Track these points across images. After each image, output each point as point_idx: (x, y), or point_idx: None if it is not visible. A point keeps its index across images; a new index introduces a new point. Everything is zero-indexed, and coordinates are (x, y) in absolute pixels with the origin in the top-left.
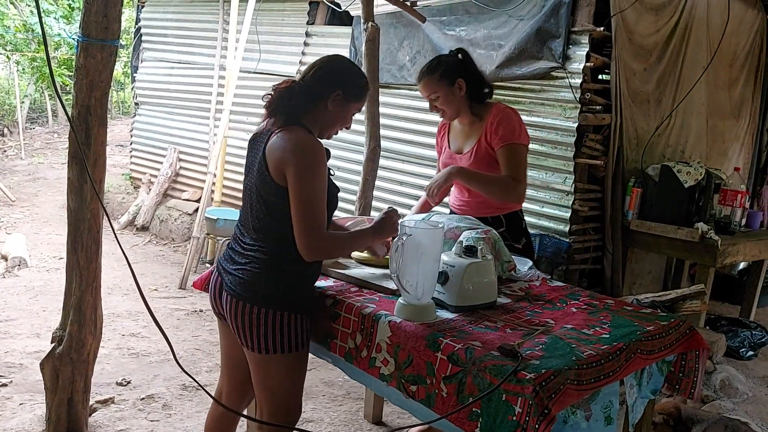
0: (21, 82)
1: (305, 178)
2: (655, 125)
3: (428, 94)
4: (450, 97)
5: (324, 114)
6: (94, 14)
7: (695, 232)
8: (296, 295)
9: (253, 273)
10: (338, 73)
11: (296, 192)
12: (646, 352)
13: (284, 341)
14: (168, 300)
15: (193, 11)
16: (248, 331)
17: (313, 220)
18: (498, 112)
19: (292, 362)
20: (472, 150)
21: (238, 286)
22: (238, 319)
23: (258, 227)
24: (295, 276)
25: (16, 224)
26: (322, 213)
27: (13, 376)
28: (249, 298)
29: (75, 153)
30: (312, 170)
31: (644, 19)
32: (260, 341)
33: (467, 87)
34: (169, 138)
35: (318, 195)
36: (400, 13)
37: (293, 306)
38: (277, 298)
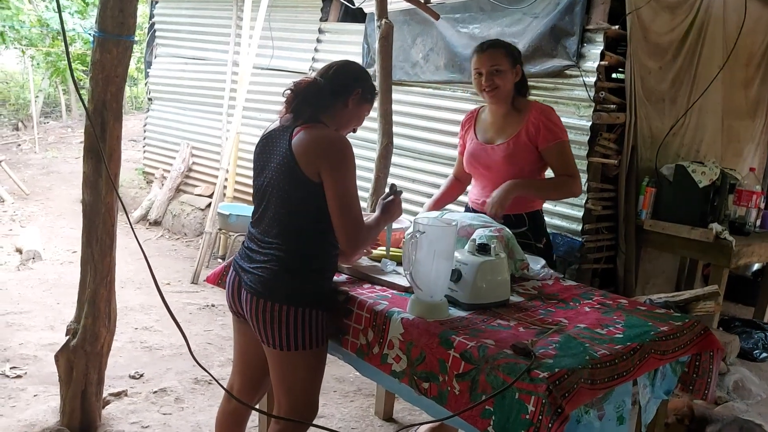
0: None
1: (345, 176)
2: (669, 124)
3: (491, 65)
4: (509, 75)
5: (342, 112)
6: (110, 9)
7: (709, 232)
8: (316, 291)
9: (272, 271)
10: (357, 72)
11: (337, 190)
12: (660, 352)
13: (305, 338)
14: (180, 294)
15: (207, 7)
16: (269, 328)
17: (357, 215)
18: (541, 111)
19: (312, 359)
20: (509, 142)
21: (258, 284)
22: (259, 317)
23: (279, 225)
24: (315, 272)
25: (30, 217)
26: (360, 207)
27: (27, 367)
28: (269, 295)
29: (91, 147)
30: (349, 167)
31: (660, 17)
32: (281, 338)
33: (519, 77)
34: (182, 133)
35: (356, 191)
36: (413, 10)
37: (313, 302)
38: (297, 295)
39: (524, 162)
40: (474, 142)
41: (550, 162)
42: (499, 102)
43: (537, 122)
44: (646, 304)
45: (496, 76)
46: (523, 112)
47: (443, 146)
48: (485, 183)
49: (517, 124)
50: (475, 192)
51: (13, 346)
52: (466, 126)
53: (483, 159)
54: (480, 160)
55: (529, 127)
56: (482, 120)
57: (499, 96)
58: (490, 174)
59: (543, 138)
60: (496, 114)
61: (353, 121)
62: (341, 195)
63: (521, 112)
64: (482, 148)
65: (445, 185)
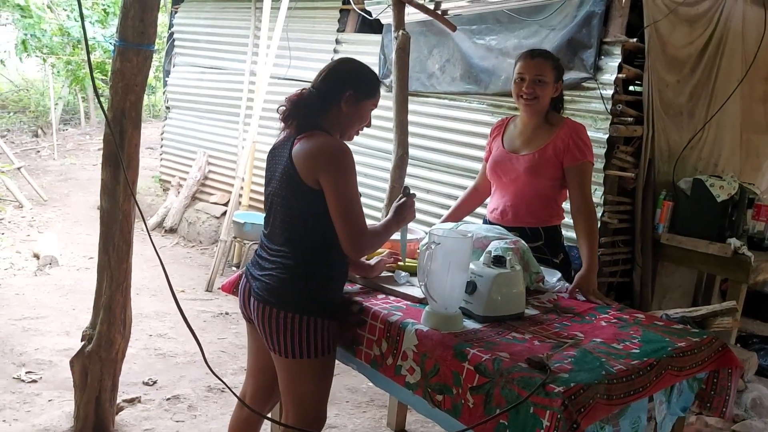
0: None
1: (343, 181)
2: (687, 138)
3: (536, 73)
4: (549, 89)
5: (340, 116)
6: (131, 19)
7: (727, 247)
8: (324, 300)
9: (280, 279)
10: (346, 73)
11: (337, 196)
12: (677, 368)
13: (312, 346)
14: (195, 302)
15: (225, 17)
16: (276, 336)
17: (358, 220)
18: (573, 128)
19: (319, 367)
20: (534, 154)
21: (266, 292)
22: (266, 325)
23: (284, 233)
24: (323, 281)
25: (48, 223)
26: (362, 211)
27: (43, 372)
28: (277, 303)
29: (109, 155)
30: (347, 172)
31: (678, 30)
32: (288, 346)
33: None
34: (198, 142)
35: (356, 195)
36: (430, 21)
37: (321, 311)
38: (304, 304)
39: (546, 176)
40: (500, 150)
41: (571, 182)
42: (532, 113)
43: (567, 138)
44: (663, 319)
45: (538, 86)
46: (554, 126)
47: (459, 157)
48: (504, 192)
49: (545, 137)
50: (493, 201)
51: (29, 351)
52: (495, 133)
53: (506, 167)
54: (503, 167)
55: (558, 142)
56: (511, 129)
57: (535, 106)
58: (511, 184)
59: (570, 155)
60: (527, 125)
61: (355, 122)
62: (340, 200)
63: (552, 126)
64: (507, 156)
65: (464, 196)
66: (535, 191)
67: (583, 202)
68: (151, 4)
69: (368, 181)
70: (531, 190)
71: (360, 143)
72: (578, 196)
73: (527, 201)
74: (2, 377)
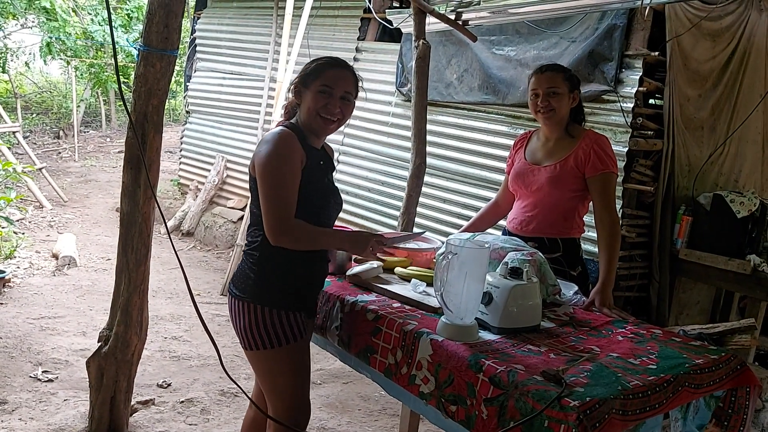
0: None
1: (269, 163)
2: (708, 153)
3: (548, 86)
4: (565, 100)
5: (301, 111)
6: (155, 24)
7: (747, 264)
8: (281, 290)
9: (242, 270)
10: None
11: (261, 177)
12: (694, 385)
13: (267, 337)
14: (209, 305)
15: (247, 23)
16: (236, 326)
17: (277, 202)
18: (594, 139)
19: (286, 357)
20: (556, 165)
21: (231, 283)
22: (231, 315)
23: (251, 224)
24: (281, 271)
25: (67, 224)
26: (288, 198)
27: (59, 372)
28: (236, 294)
29: (131, 158)
30: (274, 156)
31: (701, 44)
32: (246, 336)
33: (577, 103)
34: (217, 146)
35: (283, 181)
36: (449, 31)
37: (277, 302)
38: (258, 293)
39: (568, 188)
40: (522, 162)
41: (593, 193)
42: (552, 125)
43: (588, 149)
44: (680, 335)
45: (553, 98)
46: (576, 138)
47: (476, 167)
48: (525, 202)
49: (567, 149)
50: (514, 212)
51: (46, 350)
52: (518, 146)
53: (528, 179)
54: (525, 179)
55: (579, 153)
56: (534, 141)
57: (554, 119)
58: (533, 195)
59: (592, 166)
60: (549, 137)
61: (308, 109)
62: (264, 183)
63: (574, 138)
64: (529, 168)
65: (484, 209)
66: (556, 202)
67: (605, 213)
68: (176, 10)
69: (385, 189)
70: (552, 201)
71: (378, 151)
72: (600, 206)
73: (547, 212)
74: (19, 376)
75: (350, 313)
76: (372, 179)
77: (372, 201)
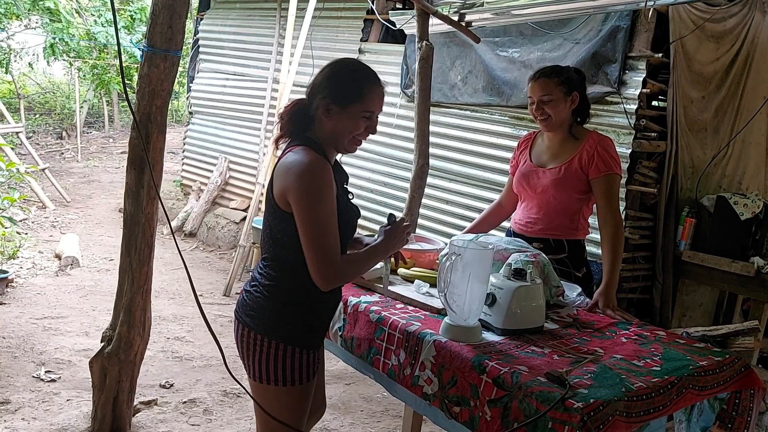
0: (81, 88)
1: (310, 203)
2: (711, 154)
3: (541, 94)
4: (561, 105)
5: (322, 125)
6: (159, 25)
7: (750, 266)
8: (297, 329)
9: (255, 298)
10: (327, 79)
11: (303, 219)
12: (698, 387)
13: (277, 373)
14: (212, 306)
15: (250, 25)
16: (245, 356)
17: (326, 246)
18: (598, 141)
19: (288, 396)
20: (560, 167)
21: (241, 309)
22: (238, 342)
23: (265, 252)
24: (298, 306)
25: (70, 225)
26: (334, 238)
27: (62, 372)
28: (248, 323)
29: (134, 158)
30: (315, 193)
31: (704, 46)
32: (255, 368)
33: (577, 104)
34: (220, 147)
35: (327, 219)
36: (453, 32)
37: (291, 338)
38: (273, 327)
39: (572, 189)
40: (527, 164)
41: (596, 194)
42: (552, 130)
43: (592, 151)
44: (684, 337)
45: (547, 105)
46: (580, 140)
47: (479, 169)
48: (530, 204)
49: (571, 151)
50: (519, 213)
51: (48, 350)
52: (522, 147)
53: (533, 181)
54: (530, 181)
55: (584, 155)
56: (538, 143)
57: (551, 124)
58: (538, 197)
59: (595, 167)
60: (553, 139)
61: (346, 131)
62: (306, 225)
63: (578, 139)
64: (534, 170)
65: (488, 210)
66: (561, 204)
67: (608, 214)
68: (180, 11)
69: (388, 191)
70: (557, 203)
71: (381, 152)
72: (603, 208)
73: (552, 213)
74: (22, 376)
75: (353, 315)
76: (375, 180)
77: (375, 202)
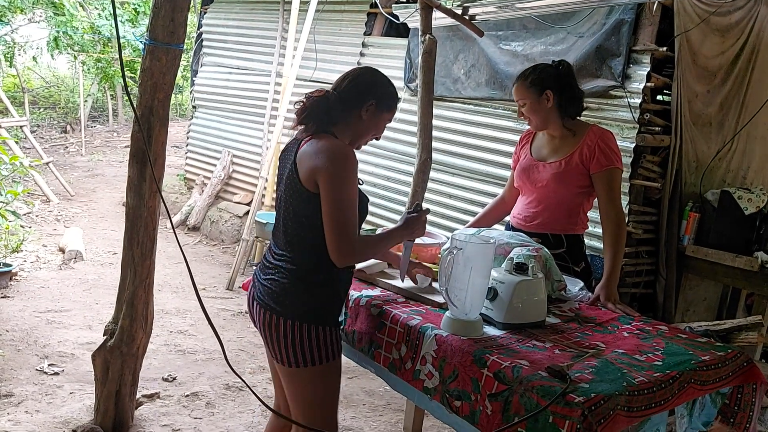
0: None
1: (338, 184)
2: (716, 149)
3: (517, 98)
4: (536, 107)
5: (357, 123)
6: (161, 18)
7: (755, 261)
8: (325, 307)
9: (281, 284)
10: (372, 84)
11: (328, 197)
12: (700, 382)
13: (314, 354)
14: (215, 300)
15: (253, 18)
16: (276, 343)
17: (345, 224)
18: (599, 134)
19: (323, 374)
20: (560, 161)
21: (267, 297)
22: (267, 331)
23: (289, 237)
24: (324, 287)
25: (74, 218)
26: (354, 218)
27: (65, 365)
28: (277, 309)
29: (136, 152)
30: (344, 176)
31: (710, 40)
32: (289, 354)
33: (557, 99)
34: (223, 141)
35: (350, 200)
36: (456, 26)
37: (320, 318)
38: (304, 311)
39: (573, 184)
40: (527, 158)
41: (598, 188)
42: (540, 130)
43: (593, 145)
44: (687, 331)
45: (525, 109)
46: (578, 134)
47: (482, 163)
48: (529, 198)
49: (572, 145)
50: (519, 207)
51: (52, 343)
52: (523, 141)
53: (533, 175)
54: (530, 175)
55: (584, 149)
56: (539, 137)
57: (535, 126)
58: (538, 191)
59: (596, 162)
60: (552, 134)
61: (371, 132)
62: (332, 203)
63: (578, 134)
64: (534, 164)
65: (490, 205)
66: (561, 199)
67: (610, 209)
68: (182, 5)
69: (391, 185)
70: (557, 197)
71: (384, 146)
72: (605, 203)
73: (552, 208)
74: (25, 369)
75: (355, 309)
76: (378, 174)
77: (377, 196)
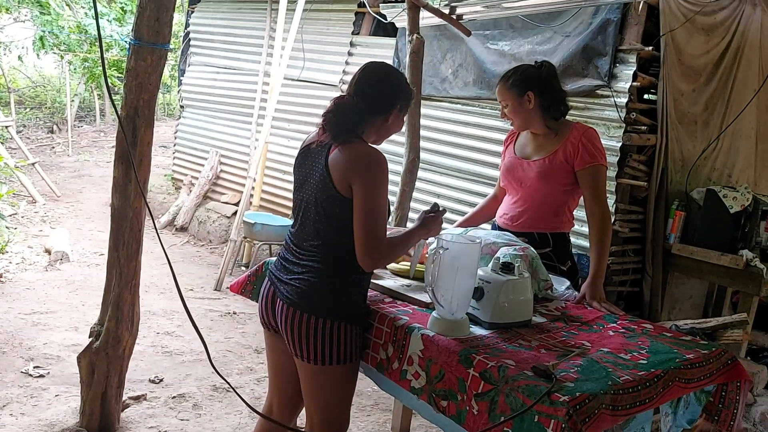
0: (72, 82)
1: (371, 192)
2: (701, 148)
3: (500, 100)
4: (518, 108)
5: (382, 126)
6: (146, 18)
7: (739, 259)
8: (352, 305)
9: (310, 282)
10: (394, 86)
11: (362, 205)
12: (684, 380)
13: (339, 352)
14: (203, 301)
15: (241, 18)
16: (303, 341)
17: (377, 231)
18: (582, 132)
19: (344, 373)
20: (545, 159)
21: (295, 295)
22: (294, 330)
23: (318, 237)
24: (352, 286)
25: (60, 219)
26: (384, 224)
27: (50, 367)
28: (306, 307)
29: (122, 153)
30: (379, 183)
31: (695, 39)
32: (317, 352)
33: (539, 101)
34: (211, 141)
35: (382, 207)
36: (444, 25)
37: (349, 316)
38: (334, 308)
39: (557, 182)
40: (511, 156)
41: (582, 186)
42: (522, 129)
43: (576, 142)
44: (672, 330)
45: (507, 110)
46: (561, 132)
47: (470, 162)
48: (514, 197)
49: (556, 143)
50: (504, 207)
51: (37, 345)
52: (508, 141)
53: (518, 173)
54: (514, 174)
55: (568, 146)
56: (523, 136)
57: (518, 126)
58: (523, 190)
59: (580, 159)
60: (535, 134)
61: (393, 130)
62: (366, 207)
63: (561, 132)
64: (518, 162)
65: (482, 203)
66: (546, 197)
67: (596, 207)
68: (167, 4)
69: None
70: (541, 195)
71: None
72: (590, 200)
73: (537, 207)
74: (10, 371)
75: None
76: None
77: None
